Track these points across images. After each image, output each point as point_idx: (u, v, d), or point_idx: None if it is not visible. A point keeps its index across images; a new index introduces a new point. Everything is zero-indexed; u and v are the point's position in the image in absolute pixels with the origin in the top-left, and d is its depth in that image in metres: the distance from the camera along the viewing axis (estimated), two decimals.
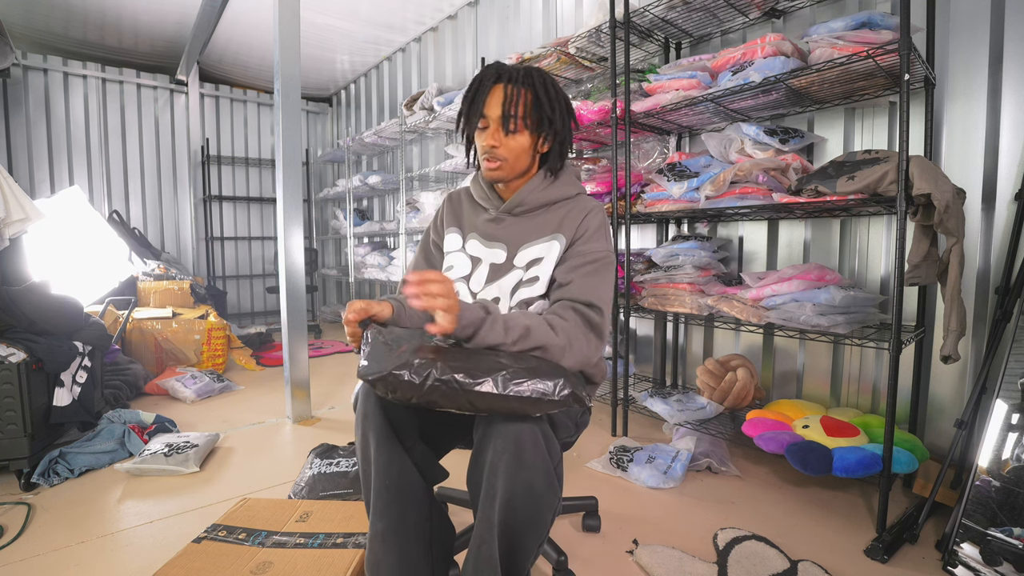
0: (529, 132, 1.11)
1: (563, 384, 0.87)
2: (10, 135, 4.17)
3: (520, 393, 0.85)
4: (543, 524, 0.90)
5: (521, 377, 0.86)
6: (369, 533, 0.94)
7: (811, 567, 1.27)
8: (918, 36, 1.57)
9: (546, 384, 0.87)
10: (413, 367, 0.85)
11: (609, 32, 2.12)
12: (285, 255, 2.35)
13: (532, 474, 0.87)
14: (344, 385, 3.01)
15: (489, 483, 0.87)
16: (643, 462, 1.78)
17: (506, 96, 1.07)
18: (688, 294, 2.00)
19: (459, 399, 0.85)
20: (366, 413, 0.98)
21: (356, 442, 1.01)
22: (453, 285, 0.91)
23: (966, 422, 1.46)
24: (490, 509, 0.86)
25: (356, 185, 4.40)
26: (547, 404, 0.86)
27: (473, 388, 0.84)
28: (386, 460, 0.95)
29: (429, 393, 0.85)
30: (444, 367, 0.85)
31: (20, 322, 1.82)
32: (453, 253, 1.22)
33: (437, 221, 1.29)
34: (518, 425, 0.89)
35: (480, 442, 0.92)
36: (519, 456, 0.87)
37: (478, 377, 0.85)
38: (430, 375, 0.84)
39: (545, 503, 0.89)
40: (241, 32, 4.05)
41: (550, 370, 0.90)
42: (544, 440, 0.90)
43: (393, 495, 0.93)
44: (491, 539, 0.85)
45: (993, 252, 1.62)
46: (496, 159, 1.11)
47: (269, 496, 1.68)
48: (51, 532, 1.49)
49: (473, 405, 0.86)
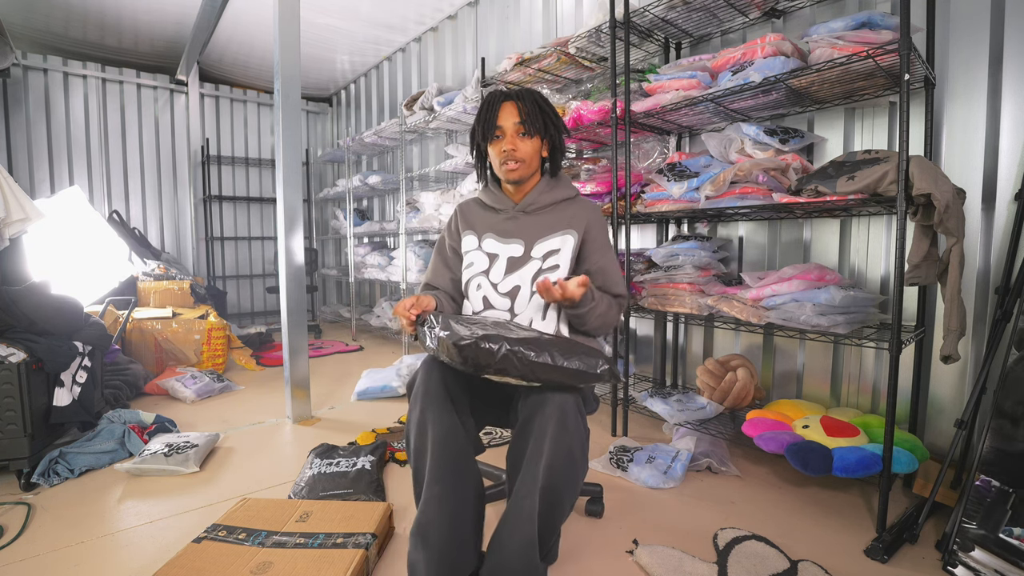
0: (538, 137, 1.35)
1: (603, 361, 1.08)
2: (10, 135, 4.17)
3: (570, 366, 1.05)
4: (576, 487, 1.07)
5: (569, 354, 1.06)
6: (424, 495, 1.05)
7: (811, 567, 1.27)
8: (918, 36, 1.57)
9: (590, 360, 1.07)
10: (492, 338, 1.03)
11: (609, 32, 2.12)
12: (285, 255, 2.35)
13: (572, 439, 1.05)
14: (344, 385, 3.01)
15: (536, 444, 1.03)
16: (643, 462, 1.78)
17: (519, 108, 1.32)
18: (688, 294, 2.00)
19: (523, 369, 1.03)
20: (427, 390, 1.13)
21: (412, 416, 1.15)
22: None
23: (966, 422, 1.46)
24: (535, 467, 1.01)
25: (356, 185, 4.40)
26: (591, 376, 1.07)
27: (535, 359, 1.03)
28: (445, 431, 1.09)
29: (502, 361, 1.02)
30: (515, 341, 1.04)
31: (20, 322, 1.82)
32: (471, 252, 1.40)
33: (452, 228, 1.48)
34: (563, 395, 1.08)
35: (530, 410, 1.09)
36: (563, 422, 1.04)
37: (541, 352, 1.04)
38: (503, 347, 1.03)
39: (580, 468, 1.07)
40: (241, 32, 4.05)
41: (589, 351, 1.09)
42: (579, 410, 1.09)
43: (450, 462, 1.06)
44: (533, 493, 0.99)
45: (993, 252, 1.62)
46: (516, 160, 1.33)
47: (269, 496, 1.68)
48: (51, 532, 1.49)
49: (534, 374, 1.04)
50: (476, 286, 1.37)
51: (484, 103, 1.36)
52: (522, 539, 0.96)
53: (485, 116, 1.34)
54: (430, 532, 1.00)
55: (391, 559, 1.34)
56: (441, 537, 1.00)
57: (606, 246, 1.39)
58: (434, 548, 0.99)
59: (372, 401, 2.72)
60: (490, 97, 1.36)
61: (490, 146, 1.36)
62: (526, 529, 0.97)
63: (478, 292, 1.36)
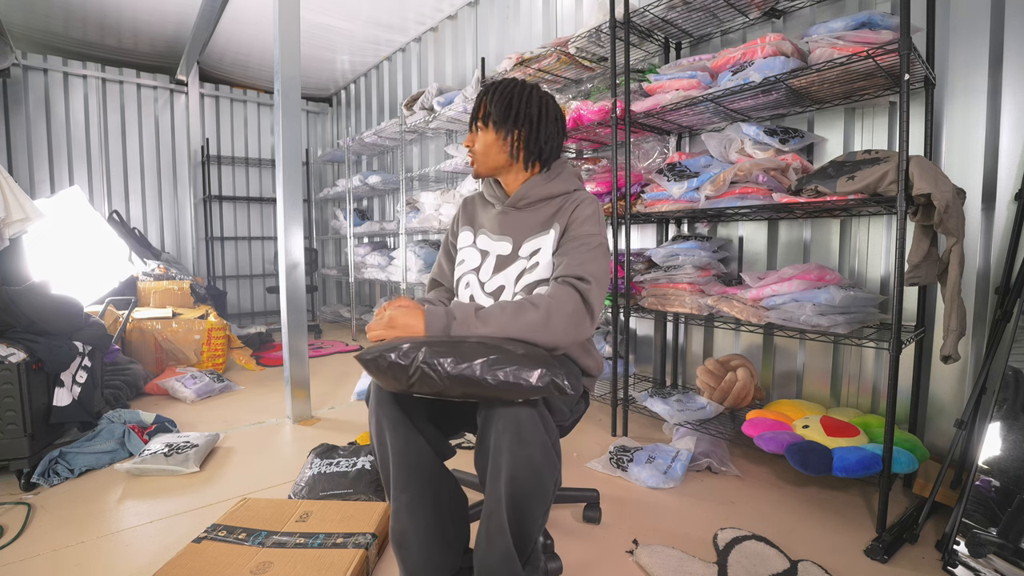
0: (493, 129, 1.26)
1: (544, 373, 0.92)
2: (10, 135, 4.16)
3: (499, 379, 0.91)
4: (546, 493, 0.99)
5: (503, 364, 0.91)
6: (393, 507, 1.03)
7: (811, 567, 1.27)
8: (918, 36, 1.57)
9: (528, 372, 0.92)
10: (402, 351, 0.92)
11: (609, 32, 2.12)
12: (285, 255, 2.35)
13: (532, 449, 0.95)
14: (344, 385, 3.01)
15: (495, 460, 0.96)
16: (643, 462, 1.78)
17: (483, 101, 1.27)
18: (688, 294, 2.00)
19: (442, 384, 0.92)
20: (379, 400, 1.08)
21: (371, 429, 1.10)
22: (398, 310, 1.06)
23: (966, 422, 1.46)
24: (496, 483, 0.96)
25: (356, 185, 4.40)
26: (527, 390, 0.92)
27: (455, 373, 0.91)
28: (403, 441, 1.05)
29: (415, 375, 0.92)
30: (431, 351, 0.92)
31: (20, 322, 1.82)
32: (465, 248, 1.35)
33: (454, 225, 1.43)
34: (517, 408, 0.97)
35: (484, 424, 1.00)
36: (519, 434, 0.95)
37: (461, 363, 0.91)
38: (416, 359, 0.91)
39: (546, 474, 0.98)
40: (241, 32, 4.05)
41: (536, 359, 0.95)
42: (541, 419, 0.98)
43: (412, 471, 1.04)
44: (500, 510, 0.95)
45: (993, 252, 1.62)
46: (472, 154, 1.30)
47: (269, 496, 1.68)
48: (51, 532, 1.49)
49: (454, 390, 0.93)
50: (465, 284, 1.32)
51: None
52: (499, 552, 0.95)
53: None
54: (407, 539, 1.02)
55: (391, 559, 1.34)
56: (418, 543, 1.01)
57: (580, 236, 1.18)
58: (413, 553, 1.01)
59: None
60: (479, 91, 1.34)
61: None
62: (500, 543, 0.95)
63: (466, 290, 1.31)
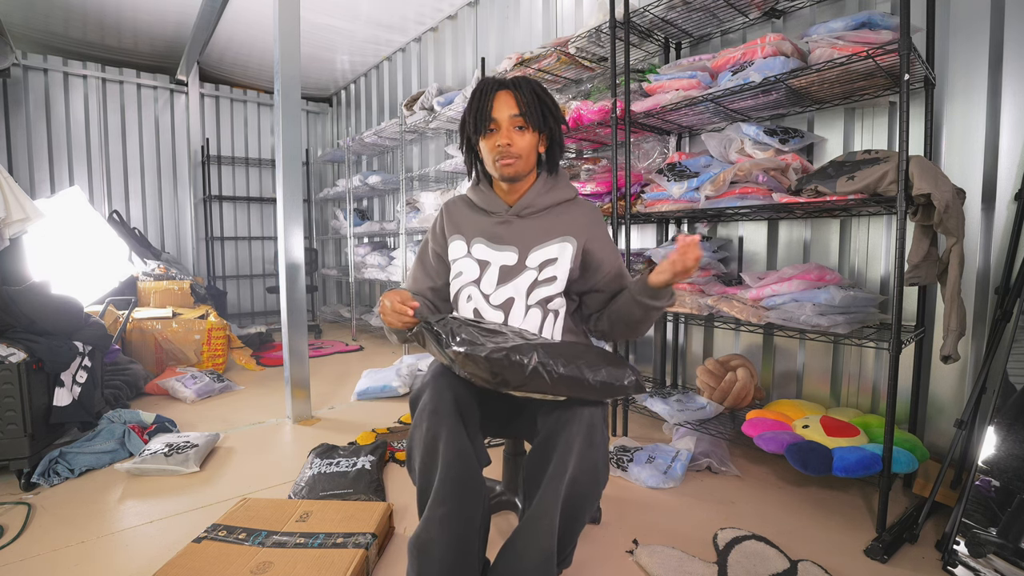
0: (535, 131, 1.20)
1: (631, 372, 1.03)
2: (10, 135, 4.16)
3: (600, 379, 0.99)
4: (597, 499, 1.03)
5: (598, 365, 1.00)
6: (427, 514, 1.00)
7: (811, 567, 1.27)
8: (918, 36, 1.57)
9: (618, 372, 1.01)
10: (521, 349, 0.96)
11: (609, 32, 2.12)
12: (285, 255, 2.35)
13: (598, 453, 1.01)
14: (344, 385, 3.01)
15: (560, 460, 0.99)
16: (643, 462, 1.78)
17: (516, 98, 1.17)
18: (688, 294, 2.00)
19: (551, 383, 0.97)
20: (437, 409, 1.05)
21: (419, 437, 1.05)
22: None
23: (966, 422, 1.46)
24: (558, 483, 0.97)
25: (356, 185, 4.40)
26: (618, 389, 1.01)
27: (567, 374, 0.97)
28: (455, 453, 1.02)
29: (531, 376, 0.95)
30: (544, 352, 0.98)
31: (20, 322, 1.82)
32: (460, 259, 1.27)
33: (436, 230, 1.34)
34: (591, 409, 1.03)
35: (554, 425, 1.04)
36: (590, 437, 1.00)
37: (570, 364, 0.98)
38: (532, 360, 0.96)
39: (601, 481, 1.03)
40: (241, 32, 4.05)
41: (617, 361, 1.04)
42: (605, 425, 1.06)
43: (455, 485, 1.01)
44: (554, 511, 0.96)
45: (993, 252, 1.61)
46: (510, 156, 1.18)
47: (269, 496, 1.68)
48: (51, 532, 1.49)
49: (560, 389, 0.98)
50: (467, 297, 1.24)
51: (476, 92, 1.19)
52: (542, 552, 0.95)
53: (477, 107, 1.18)
54: (430, 548, 0.97)
55: (391, 559, 1.34)
56: (442, 554, 0.96)
57: (614, 249, 1.29)
58: (434, 563, 0.96)
59: (372, 401, 2.72)
60: (483, 85, 1.19)
61: (482, 140, 1.21)
62: (546, 543, 0.95)
63: (468, 304, 1.23)
